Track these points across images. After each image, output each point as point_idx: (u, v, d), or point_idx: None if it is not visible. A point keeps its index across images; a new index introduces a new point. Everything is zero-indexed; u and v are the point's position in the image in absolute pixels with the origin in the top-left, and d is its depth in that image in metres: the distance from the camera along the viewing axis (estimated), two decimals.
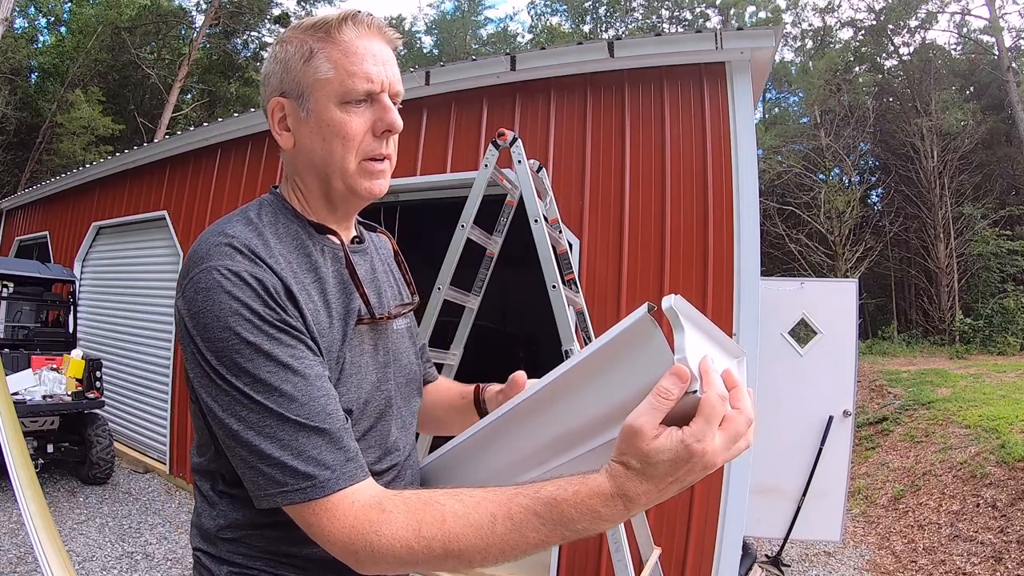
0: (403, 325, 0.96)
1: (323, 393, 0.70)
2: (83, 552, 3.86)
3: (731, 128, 3.40)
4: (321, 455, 0.67)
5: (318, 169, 0.81)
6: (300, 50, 0.79)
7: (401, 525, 0.64)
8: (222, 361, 0.67)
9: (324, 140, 0.79)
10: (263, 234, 0.76)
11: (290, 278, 0.73)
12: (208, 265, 0.70)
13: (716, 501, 3.14)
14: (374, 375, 0.84)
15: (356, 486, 0.68)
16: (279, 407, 0.66)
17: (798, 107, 23.27)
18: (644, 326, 0.61)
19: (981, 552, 4.29)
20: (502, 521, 0.62)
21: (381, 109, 0.80)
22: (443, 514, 0.63)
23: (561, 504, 0.60)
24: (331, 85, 0.77)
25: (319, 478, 0.66)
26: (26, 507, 2.67)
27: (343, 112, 0.78)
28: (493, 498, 0.63)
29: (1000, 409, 6.38)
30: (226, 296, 0.68)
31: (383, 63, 0.79)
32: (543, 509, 0.60)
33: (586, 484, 0.60)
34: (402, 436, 0.90)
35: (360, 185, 0.81)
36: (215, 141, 5.74)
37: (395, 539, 0.63)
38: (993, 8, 18.71)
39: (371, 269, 0.92)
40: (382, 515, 0.65)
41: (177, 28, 21.61)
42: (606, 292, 3.53)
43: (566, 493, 0.60)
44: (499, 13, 47.01)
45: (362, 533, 0.64)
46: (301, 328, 0.72)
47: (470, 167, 3.93)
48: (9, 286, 5.70)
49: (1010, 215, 16.47)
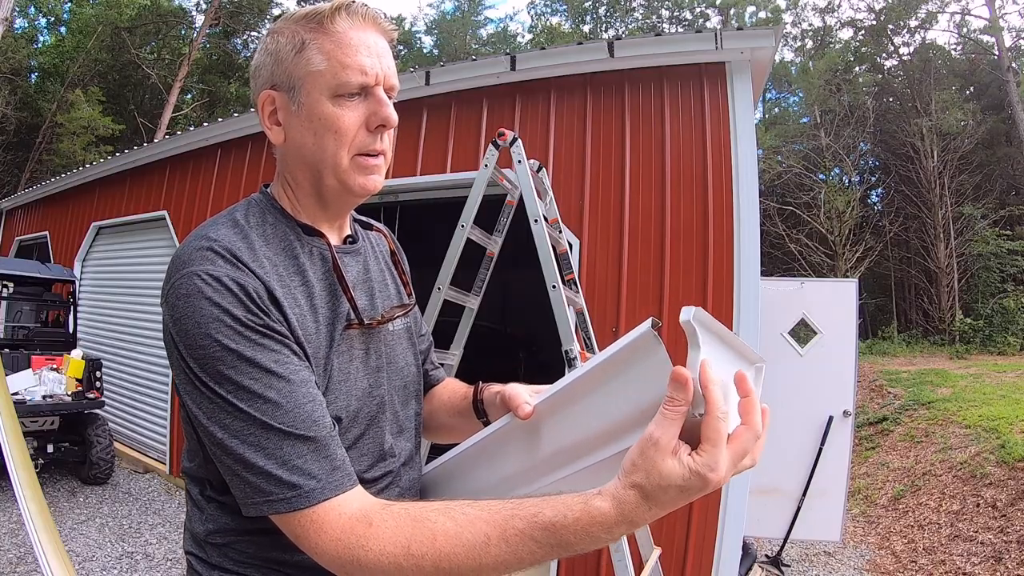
0: (400, 327, 0.92)
1: (309, 399, 0.68)
2: (83, 552, 3.86)
3: (731, 128, 3.40)
4: (306, 464, 0.65)
5: (309, 165, 0.78)
6: (292, 41, 0.76)
7: (389, 541, 0.62)
8: (205, 368, 0.66)
9: (316, 134, 0.76)
10: (248, 236, 0.74)
11: (274, 282, 0.71)
12: (189, 271, 0.68)
13: (716, 501, 3.14)
14: (365, 381, 0.81)
15: (343, 496, 0.66)
16: (263, 415, 0.65)
17: (798, 107, 23.29)
18: (647, 342, 0.60)
19: (981, 552, 4.29)
20: (496, 543, 0.60)
21: (375, 103, 0.76)
22: (434, 532, 0.61)
23: (560, 531, 0.58)
24: (324, 78, 0.74)
25: (304, 488, 0.64)
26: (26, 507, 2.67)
27: (336, 106, 0.75)
28: (487, 518, 0.61)
29: (1000, 409, 6.38)
30: (206, 302, 0.66)
31: (378, 55, 0.76)
32: (541, 535, 0.58)
33: (588, 511, 0.57)
34: (397, 442, 0.87)
35: (354, 181, 0.78)
36: (215, 141, 5.74)
37: (383, 555, 0.62)
38: (993, 8, 18.72)
39: (364, 270, 0.88)
40: (369, 529, 0.63)
41: (177, 28, 21.61)
42: (606, 292, 3.53)
43: (566, 520, 0.58)
44: (499, 13, 46.98)
45: (349, 547, 0.63)
46: (285, 333, 0.70)
47: (470, 167, 3.92)
48: (9, 286, 5.69)
49: (1010, 215, 16.48)
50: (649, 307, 3.44)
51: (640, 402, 0.61)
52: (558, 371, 3.12)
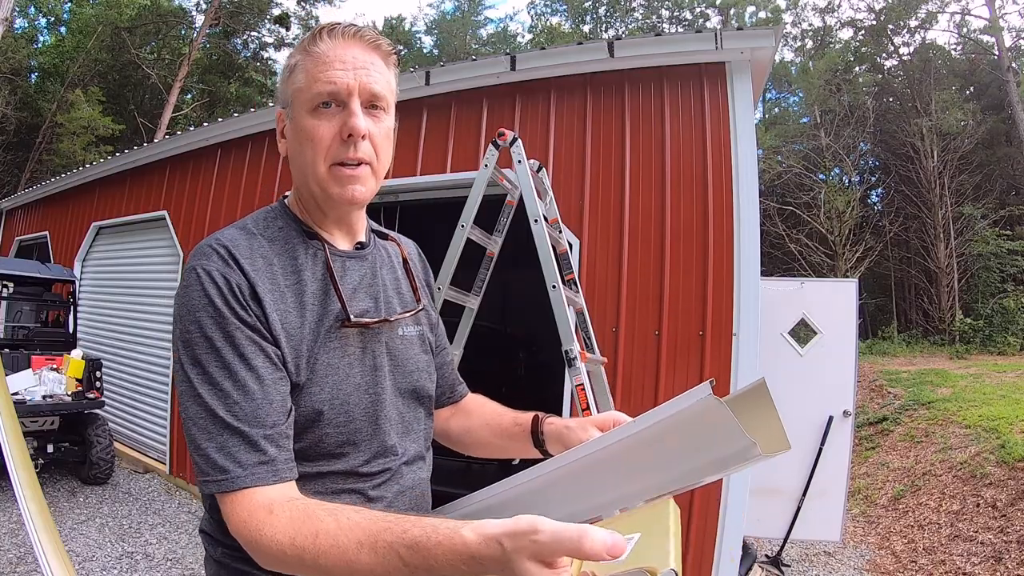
0: (413, 333, 0.96)
1: (260, 396, 0.74)
2: (83, 552, 3.86)
3: (731, 128, 3.40)
4: (239, 454, 0.71)
5: (300, 174, 0.86)
6: (288, 64, 0.86)
7: (280, 531, 0.67)
8: (185, 351, 0.75)
9: (300, 145, 0.83)
10: (254, 238, 0.82)
11: (262, 279, 0.78)
12: (191, 265, 0.78)
13: (716, 501, 3.14)
14: (359, 378, 0.85)
15: (263, 487, 0.72)
16: (214, 403, 0.72)
17: (798, 107, 23.28)
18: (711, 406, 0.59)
19: (981, 552, 4.29)
20: (367, 552, 0.62)
21: (346, 113, 0.81)
22: (317, 530, 0.66)
23: (423, 551, 0.59)
24: (304, 94, 0.82)
25: (232, 474, 0.71)
26: (26, 507, 2.67)
27: (313, 118, 0.81)
28: (365, 526, 0.64)
29: (1000, 409, 6.38)
30: (196, 293, 0.75)
31: (353, 67, 0.81)
32: (406, 552, 0.60)
33: (452, 539, 0.58)
34: (402, 442, 0.91)
35: (332, 190, 0.83)
36: (215, 141, 5.74)
37: (272, 542, 0.67)
38: (993, 8, 18.72)
39: (370, 275, 0.93)
40: (268, 516, 0.69)
41: (177, 28, 21.59)
42: (606, 292, 3.53)
43: (430, 542, 0.59)
44: (499, 13, 47.03)
45: (249, 529, 0.69)
46: (259, 328, 0.76)
47: (470, 167, 3.92)
48: (9, 286, 5.69)
49: (1010, 215, 16.48)
50: (649, 307, 3.44)
51: (700, 461, 0.61)
52: (558, 371, 3.12)
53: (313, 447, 0.81)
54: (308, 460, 0.81)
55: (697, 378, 3.29)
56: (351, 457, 0.83)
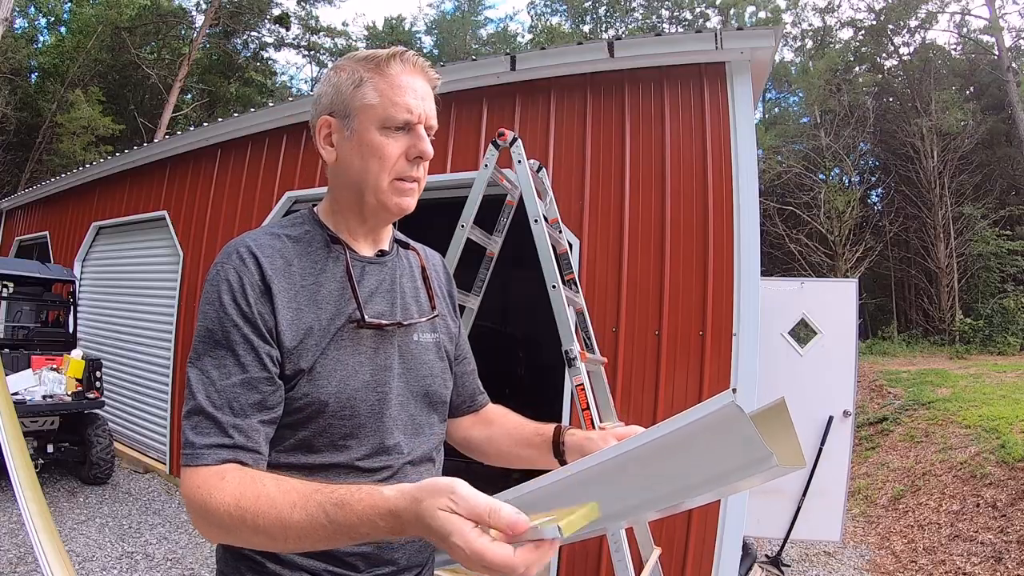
0: (429, 339, 1.00)
1: (241, 388, 0.80)
2: (83, 552, 3.86)
3: (731, 128, 3.40)
4: (209, 436, 0.77)
5: (354, 183, 0.91)
6: (352, 77, 0.89)
7: (228, 494, 0.72)
8: (197, 336, 0.83)
9: (362, 158, 0.89)
10: (278, 238, 0.90)
11: (278, 277, 0.85)
12: (215, 262, 0.86)
13: (716, 501, 3.14)
14: (368, 375, 0.89)
15: (222, 466, 0.76)
16: (199, 389, 0.79)
17: (798, 107, 23.28)
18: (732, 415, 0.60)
19: (981, 552, 4.29)
20: (299, 510, 0.68)
21: (416, 137, 0.89)
22: (259, 493, 0.71)
23: (347, 507, 0.65)
24: (375, 111, 0.88)
25: (197, 450, 0.77)
26: (26, 507, 2.67)
27: (383, 135, 0.88)
28: (300, 489, 0.70)
29: (1000, 409, 6.38)
30: (210, 290, 0.84)
31: (422, 98, 0.90)
32: (332, 508, 0.66)
33: (372, 495, 0.64)
34: (408, 442, 0.94)
35: (390, 200, 0.91)
36: (215, 141, 5.74)
37: (220, 504, 0.72)
38: (993, 8, 18.72)
39: (389, 280, 0.98)
40: (220, 482, 0.74)
41: (177, 28, 21.59)
42: (606, 292, 3.53)
43: (353, 498, 0.65)
44: (499, 13, 47.01)
45: (201, 494, 0.73)
46: (258, 326, 0.82)
47: (470, 167, 3.93)
48: (9, 286, 5.69)
49: (1010, 215, 16.47)
50: (649, 307, 3.44)
51: (715, 471, 0.61)
52: (558, 371, 3.12)
53: (318, 436, 0.85)
54: (313, 451, 0.86)
55: (697, 378, 3.29)
56: (352, 450, 0.87)
